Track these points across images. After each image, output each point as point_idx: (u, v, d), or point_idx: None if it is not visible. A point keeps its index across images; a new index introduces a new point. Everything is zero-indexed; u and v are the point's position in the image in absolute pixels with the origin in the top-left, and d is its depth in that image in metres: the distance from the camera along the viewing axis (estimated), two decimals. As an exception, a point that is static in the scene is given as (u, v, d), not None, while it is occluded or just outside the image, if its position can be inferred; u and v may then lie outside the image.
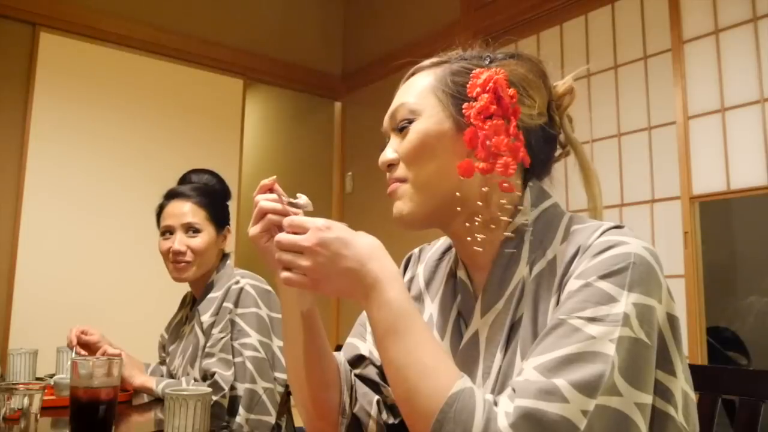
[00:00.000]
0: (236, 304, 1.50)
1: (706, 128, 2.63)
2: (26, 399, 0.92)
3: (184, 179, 1.73)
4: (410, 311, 0.69)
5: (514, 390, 0.64)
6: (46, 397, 1.10)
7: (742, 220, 3.58)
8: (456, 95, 0.78)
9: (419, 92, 0.82)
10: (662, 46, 2.80)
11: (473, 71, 0.77)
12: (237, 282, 1.54)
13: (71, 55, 3.58)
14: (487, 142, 0.73)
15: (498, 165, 0.73)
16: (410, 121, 0.81)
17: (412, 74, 0.86)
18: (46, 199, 3.40)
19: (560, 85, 0.83)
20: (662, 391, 0.67)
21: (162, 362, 1.72)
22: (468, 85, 0.77)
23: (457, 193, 0.76)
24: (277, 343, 1.52)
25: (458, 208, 0.78)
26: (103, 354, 1.54)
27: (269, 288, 1.58)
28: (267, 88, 5.32)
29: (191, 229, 1.60)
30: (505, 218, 0.78)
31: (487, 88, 0.74)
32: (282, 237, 0.71)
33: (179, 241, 1.58)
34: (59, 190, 3.46)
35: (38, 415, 0.94)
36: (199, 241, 1.59)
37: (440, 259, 0.93)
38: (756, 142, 2.47)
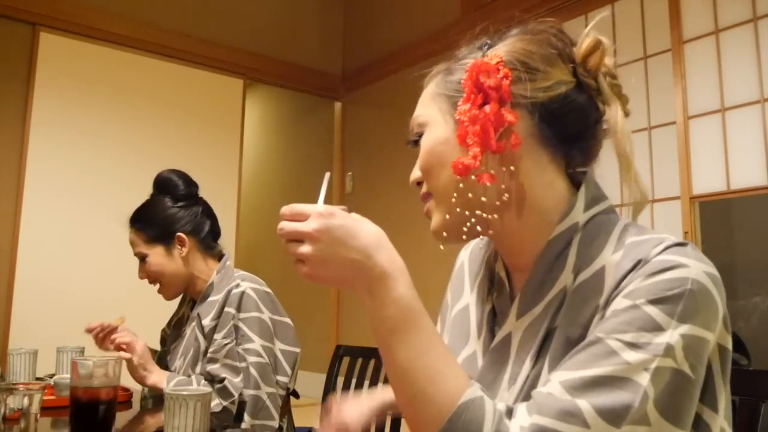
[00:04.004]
0: (238, 309, 1.47)
1: (706, 128, 2.63)
2: (26, 399, 0.92)
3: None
4: (419, 310, 0.65)
5: (534, 403, 0.61)
6: (46, 397, 1.10)
7: (742, 220, 3.57)
8: (451, 94, 0.75)
9: (425, 102, 0.79)
10: (662, 46, 2.80)
11: (468, 65, 0.72)
12: (237, 285, 1.51)
13: (71, 55, 3.58)
14: (468, 135, 0.69)
15: (472, 157, 0.69)
16: (421, 135, 0.78)
17: (426, 84, 0.82)
18: (46, 198, 3.40)
19: (579, 45, 0.74)
20: (701, 427, 0.63)
21: (161, 356, 1.71)
22: (462, 82, 0.73)
23: (470, 195, 0.71)
24: (279, 346, 1.50)
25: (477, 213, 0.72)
26: (115, 345, 1.49)
27: (269, 290, 1.56)
28: (267, 88, 5.32)
29: (140, 257, 1.60)
30: (551, 219, 0.72)
31: (472, 77, 0.70)
32: (284, 225, 0.66)
33: (140, 272, 1.61)
34: (59, 189, 3.46)
35: (38, 415, 0.94)
36: (150, 267, 1.58)
37: (485, 247, 0.88)
38: (756, 142, 2.47)
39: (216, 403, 1.36)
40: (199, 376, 1.46)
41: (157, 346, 1.75)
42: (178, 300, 1.73)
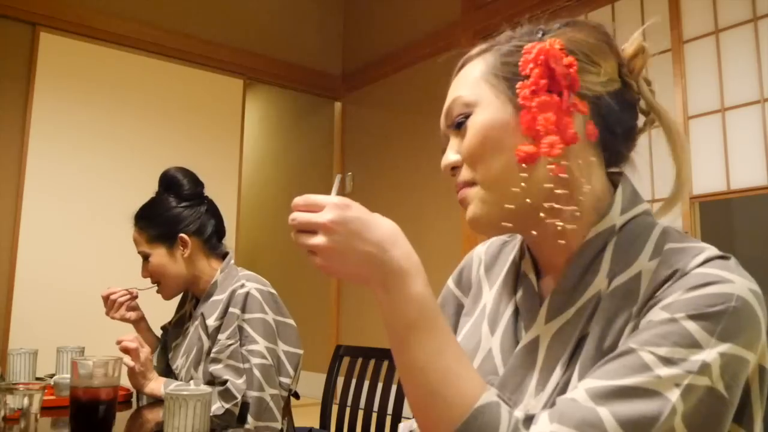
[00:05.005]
0: (243, 309, 1.46)
1: (706, 128, 2.63)
2: (26, 399, 0.92)
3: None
4: (436, 309, 0.63)
5: (557, 410, 0.59)
6: (46, 397, 1.10)
7: (742, 220, 3.57)
8: (510, 77, 0.69)
9: (471, 82, 0.73)
10: (662, 46, 2.80)
11: (525, 47, 0.69)
12: (242, 286, 1.49)
13: (71, 55, 3.58)
14: (539, 120, 0.65)
15: (543, 145, 0.64)
16: (467, 116, 0.72)
17: (462, 66, 0.77)
18: (46, 198, 3.40)
19: (628, 45, 0.73)
20: None
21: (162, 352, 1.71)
22: (520, 64, 0.68)
23: (522, 184, 0.67)
24: (282, 348, 1.49)
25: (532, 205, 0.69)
26: (120, 345, 1.49)
27: (273, 291, 1.55)
28: (267, 88, 5.32)
29: (143, 256, 1.60)
30: (588, 218, 0.70)
31: (539, 61, 0.66)
32: (297, 215, 0.63)
33: (143, 271, 1.61)
34: (59, 190, 3.46)
35: (38, 415, 0.93)
36: (151, 266, 1.58)
37: (505, 243, 0.85)
38: (756, 142, 2.47)
39: (218, 406, 1.35)
40: (198, 380, 1.45)
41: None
42: (178, 298, 1.73)
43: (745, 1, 2.56)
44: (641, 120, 0.75)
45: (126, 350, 1.44)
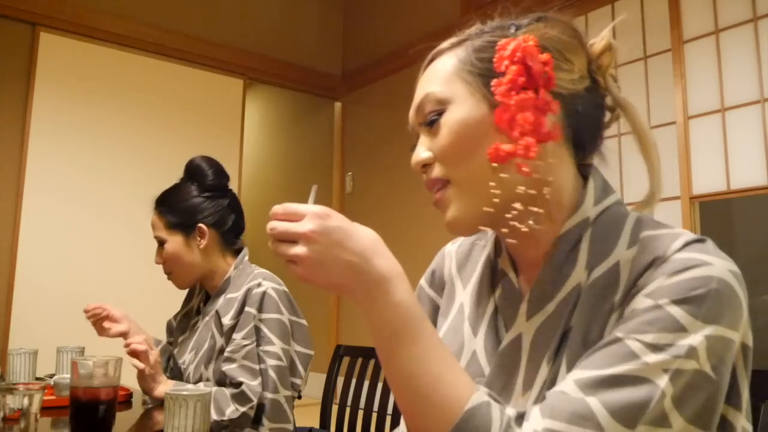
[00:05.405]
0: (260, 309, 1.43)
1: (706, 128, 2.63)
2: (26, 399, 0.92)
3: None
4: (420, 315, 0.63)
5: (547, 404, 0.59)
6: (46, 397, 1.10)
7: (742, 220, 3.57)
8: (485, 73, 0.68)
9: (444, 78, 0.71)
10: (662, 46, 2.80)
11: (499, 43, 0.67)
12: (259, 285, 1.45)
13: (71, 55, 3.58)
14: (518, 119, 0.64)
15: (518, 147, 0.63)
16: (440, 113, 0.70)
17: (431, 60, 0.75)
18: (46, 198, 3.41)
19: (597, 42, 0.73)
20: (726, 427, 0.61)
21: (169, 344, 1.69)
22: (494, 60, 0.67)
23: (492, 184, 0.67)
24: (294, 347, 1.47)
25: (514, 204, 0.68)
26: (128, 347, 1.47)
27: (287, 289, 1.51)
28: (267, 88, 5.32)
29: (159, 242, 1.57)
30: (561, 212, 0.70)
31: (515, 58, 0.65)
32: (276, 224, 0.63)
33: (156, 256, 1.57)
34: (59, 190, 3.46)
35: (38, 415, 0.93)
36: (165, 253, 1.54)
37: (476, 240, 0.84)
38: (756, 142, 2.47)
39: (233, 409, 1.33)
40: (209, 383, 1.42)
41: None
42: (179, 300, 1.72)
43: (745, 1, 2.56)
44: (607, 116, 0.76)
45: (135, 353, 1.41)
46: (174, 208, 1.56)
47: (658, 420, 0.55)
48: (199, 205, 1.56)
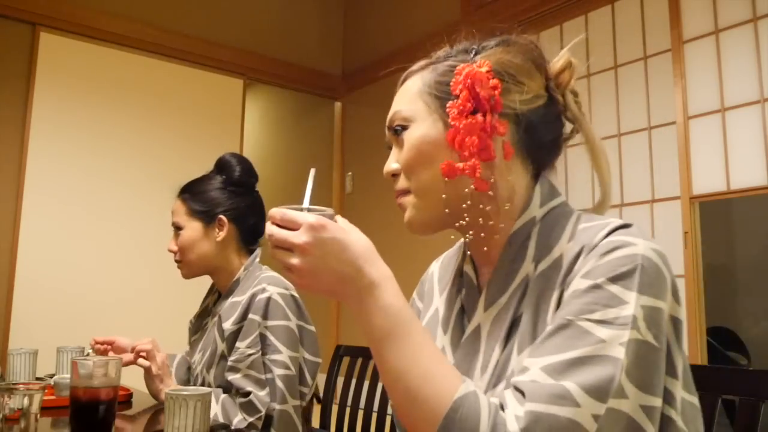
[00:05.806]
0: (265, 317, 1.39)
1: (706, 128, 2.63)
2: (26, 399, 0.92)
3: None
4: (408, 315, 0.68)
5: (522, 393, 0.63)
6: (46, 397, 1.10)
7: (742, 220, 3.57)
8: (443, 96, 0.78)
9: (409, 98, 0.82)
10: (662, 46, 2.80)
11: (457, 68, 0.76)
12: (263, 290, 1.42)
13: (71, 55, 3.58)
14: (465, 142, 0.73)
15: (466, 166, 0.73)
16: (404, 128, 0.82)
17: (404, 80, 0.86)
18: (46, 199, 3.41)
19: (556, 61, 0.81)
20: (665, 395, 0.66)
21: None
22: (451, 84, 0.76)
23: (443, 196, 0.76)
24: (302, 354, 1.44)
25: (464, 209, 0.77)
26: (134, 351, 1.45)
27: (296, 294, 1.49)
28: (267, 88, 5.32)
29: (176, 227, 1.55)
30: (512, 215, 0.78)
31: (467, 84, 0.73)
32: (274, 231, 0.67)
33: (171, 243, 1.56)
34: (59, 190, 3.46)
35: (38, 415, 0.93)
36: (180, 239, 1.53)
37: (455, 256, 0.92)
38: (756, 142, 2.47)
39: (240, 419, 1.31)
40: (218, 390, 1.40)
41: (165, 348, 1.72)
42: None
43: (745, 1, 2.56)
44: (569, 127, 0.83)
45: (140, 354, 1.42)
46: (197, 197, 1.57)
47: (620, 391, 0.61)
48: (223, 198, 1.57)
